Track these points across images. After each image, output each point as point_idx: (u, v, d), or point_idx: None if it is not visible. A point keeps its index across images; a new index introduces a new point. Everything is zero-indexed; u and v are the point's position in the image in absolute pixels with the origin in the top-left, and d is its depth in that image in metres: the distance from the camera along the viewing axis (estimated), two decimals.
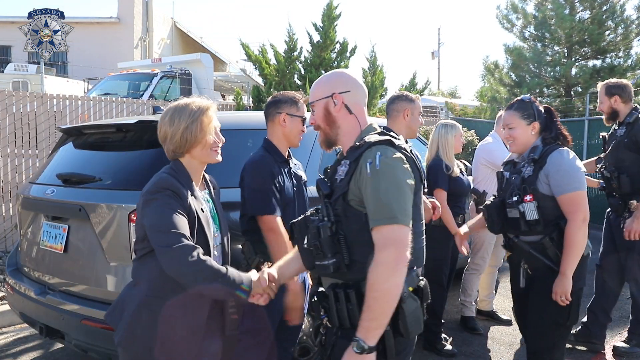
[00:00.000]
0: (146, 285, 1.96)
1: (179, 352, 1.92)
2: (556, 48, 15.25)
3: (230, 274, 1.83)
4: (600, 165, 3.86)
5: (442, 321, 4.01)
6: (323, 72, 8.54)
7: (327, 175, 1.85)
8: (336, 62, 8.61)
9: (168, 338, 1.91)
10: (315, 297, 1.74)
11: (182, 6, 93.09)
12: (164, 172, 1.98)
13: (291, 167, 2.71)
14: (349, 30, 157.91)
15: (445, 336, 3.98)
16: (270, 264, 2.09)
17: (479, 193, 4.21)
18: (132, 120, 3.14)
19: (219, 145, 2.05)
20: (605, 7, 14.29)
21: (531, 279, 2.70)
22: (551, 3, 14.51)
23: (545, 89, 15.44)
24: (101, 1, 69.14)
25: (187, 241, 1.81)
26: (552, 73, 14.82)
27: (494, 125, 4.67)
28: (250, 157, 2.66)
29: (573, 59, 14.75)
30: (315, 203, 1.94)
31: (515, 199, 2.61)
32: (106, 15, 19.42)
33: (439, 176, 3.75)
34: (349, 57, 8.72)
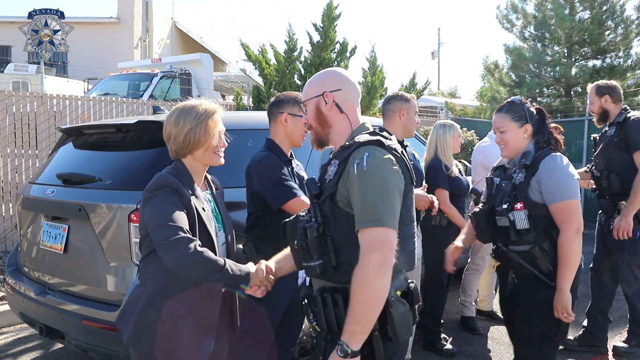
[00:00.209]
0: (152, 284, 1.96)
1: (185, 351, 1.92)
2: (556, 48, 15.25)
3: (229, 266, 1.84)
4: (590, 165, 3.84)
5: (442, 321, 4.01)
6: None
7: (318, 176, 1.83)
8: (336, 62, 8.60)
9: (176, 337, 1.91)
10: (305, 300, 1.72)
11: (182, 6, 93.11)
12: (165, 171, 1.99)
13: (293, 167, 2.71)
14: (349, 30, 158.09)
15: (445, 336, 3.98)
16: None
17: (478, 193, 4.20)
18: (132, 120, 3.14)
19: (222, 149, 2.06)
20: (605, 7, 14.29)
21: (519, 290, 2.56)
22: (551, 3, 14.52)
23: (545, 89, 15.44)
24: (101, 1, 69.20)
25: (185, 234, 1.81)
26: (552, 73, 14.82)
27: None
28: (253, 157, 2.66)
29: (573, 59, 14.75)
30: None
31: (505, 206, 2.48)
32: (106, 15, 19.43)
33: (439, 176, 3.75)
34: (349, 57, 8.71)
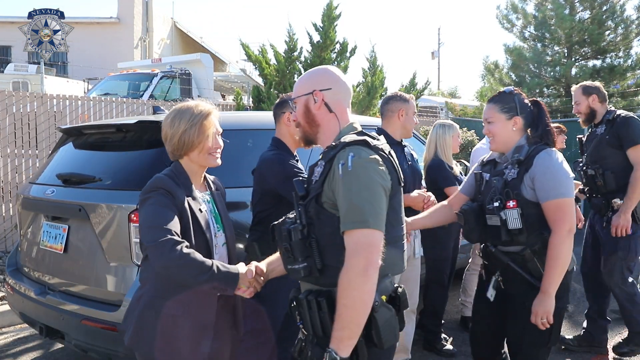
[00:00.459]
0: (151, 285, 1.97)
1: (187, 352, 1.92)
2: (556, 48, 15.26)
3: (217, 267, 1.82)
4: (581, 166, 3.80)
5: (443, 321, 4.01)
6: None
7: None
8: (336, 62, 8.60)
9: (175, 338, 1.91)
10: (293, 303, 1.69)
11: (182, 6, 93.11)
12: (162, 173, 2.00)
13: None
14: (349, 30, 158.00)
15: (445, 336, 3.98)
16: None
17: None
18: (132, 120, 3.14)
19: (218, 151, 2.05)
20: (605, 7, 14.30)
21: (508, 296, 2.41)
22: (551, 3, 14.52)
23: (545, 89, 15.45)
24: (101, 1, 69.15)
25: (172, 236, 1.81)
26: (552, 73, 14.83)
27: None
28: (263, 156, 2.69)
29: (573, 59, 14.75)
30: None
31: (496, 204, 2.30)
32: (106, 15, 19.43)
33: (445, 174, 3.72)
34: (349, 57, 8.71)
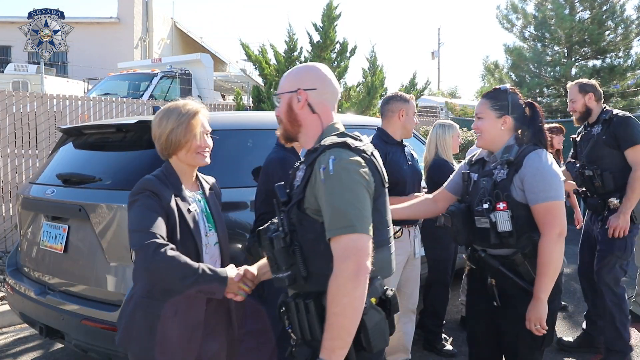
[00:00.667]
0: (141, 286, 1.98)
1: (177, 352, 1.92)
2: (556, 48, 15.28)
3: (203, 270, 1.80)
4: (578, 166, 3.71)
5: (444, 322, 4.01)
6: None
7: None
8: (336, 62, 8.60)
9: (164, 338, 1.92)
10: (282, 308, 1.63)
11: (182, 6, 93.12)
12: (151, 174, 2.01)
13: None
14: (349, 30, 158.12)
15: (446, 336, 3.98)
16: None
17: None
18: (132, 120, 3.14)
19: (206, 150, 2.04)
20: (605, 7, 14.33)
21: (500, 300, 2.35)
22: (551, 3, 14.54)
23: (545, 89, 15.47)
24: (101, 1, 69.22)
25: (158, 239, 1.80)
26: (552, 73, 14.84)
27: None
28: (270, 157, 2.68)
29: (573, 59, 14.77)
30: None
31: (486, 206, 2.24)
32: (106, 15, 19.42)
33: (449, 174, 3.72)
34: (349, 57, 8.71)
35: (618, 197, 3.50)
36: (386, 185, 1.65)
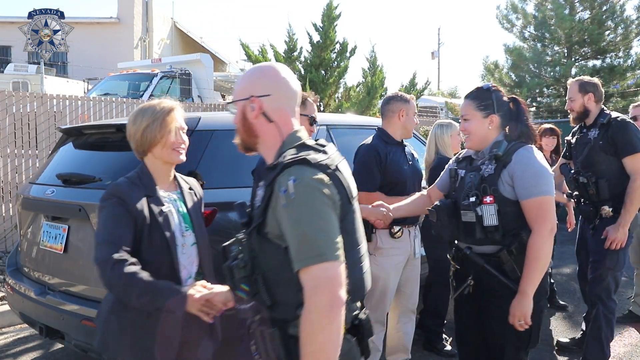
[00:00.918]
0: None
1: (149, 356, 1.89)
2: (556, 48, 15.28)
3: (162, 288, 1.78)
4: (573, 171, 3.52)
5: (445, 321, 4.01)
6: (323, 72, 8.53)
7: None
8: (336, 62, 8.61)
9: (136, 344, 1.91)
10: (249, 332, 1.54)
11: (182, 6, 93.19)
12: (124, 176, 2.01)
13: None
14: (349, 30, 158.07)
15: (446, 336, 3.98)
16: None
17: None
18: None
19: (182, 146, 2.04)
20: (605, 7, 14.34)
21: (485, 299, 2.33)
22: (551, 3, 14.54)
23: (545, 89, 15.47)
24: (101, 1, 69.27)
25: (118, 254, 1.80)
26: (552, 73, 14.84)
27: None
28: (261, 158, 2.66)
29: (573, 59, 14.77)
30: None
31: (472, 199, 2.22)
32: (106, 16, 19.43)
33: None
34: (349, 57, 8.73)
35: (611, 205, 3.31)
36: (354, 202, 1.51)
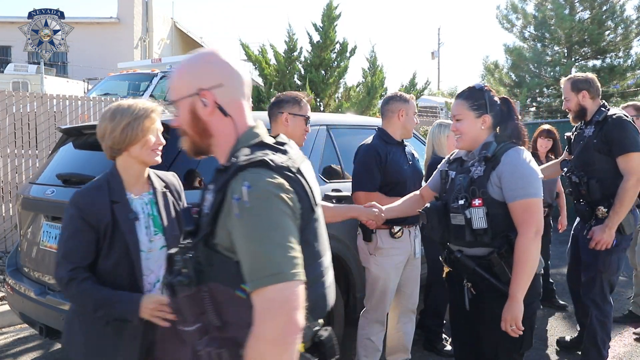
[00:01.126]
0: None
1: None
2: (556, 48, 15.29)
3: (116, 300, 1.81)
4: (566, 170, 3.43)
5: (445, 321, 4.01)
6: (323, 72, 8.53)
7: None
8: (336, 62, 8.61)
9: (98, 347, 1.91)
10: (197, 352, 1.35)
11: (182, 6, 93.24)
12: (91, 181, 2.01)
13: None
14: (349, 30, 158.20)
15: (446, 336, 3.98)
16: None
17: None
18: None
19: (160, 148, 2.01)
20: (605, 7, 14.35)
21: (477, 303, 2.30)
22: (551, 3, 14.55)
23: (545, 89, 15.47)
24: (101, 1, 69.29)
25: (72, 272, 1.84)
26: (552, 73, 14.85)
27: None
28: None
29: (573, 59, 14.78)
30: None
31: (461, 202, 2.20)
32: (106, 16, 19.45)
33: None
34: (349, 57, 8.72)
35: (607, 206, 3.20)
36: (317, 209, 1.32)
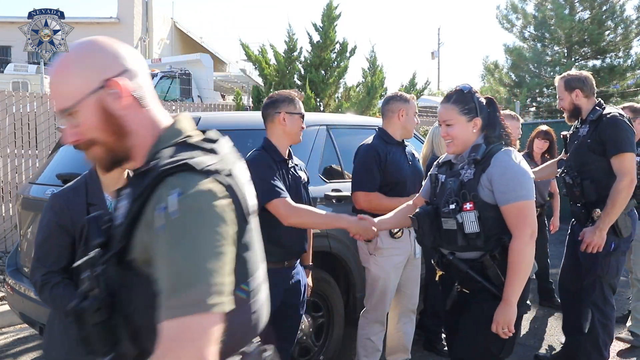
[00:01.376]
0: None
1: None
2: (556, 48, 15.30)
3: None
4: (561, 170, 3.35)
5: None
6: (323, 72, 8.53)
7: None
8: (336, 62, 8.61)
9: (80, 351, 1.92)
10: None
11: (182, 6, 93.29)
12: (72, 182, 2.02)
13: (290, 167, 2.70)
14: (349, 30, 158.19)
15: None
16: None
17: None
18: None
19: None
20: (605, 7, 14.35)
21: (463, 303, 2.28)
22: (551, 3, 14.55)
23: (545, 89, 15.46)
24: (101, 1, 69.31)
25: (44, 276, 1.89)
26: (552, 73, 14.84)
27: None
28: (247, 157, 2.66)
29: (573, 59, 14.78)
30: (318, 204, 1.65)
31: (452, 207, 2.16)
32: (106, 16, 19.43)
33: None
34: (349, 57, 8.71)
35: (602, 209, 3.09)
36: (250, 218, 1.13)
